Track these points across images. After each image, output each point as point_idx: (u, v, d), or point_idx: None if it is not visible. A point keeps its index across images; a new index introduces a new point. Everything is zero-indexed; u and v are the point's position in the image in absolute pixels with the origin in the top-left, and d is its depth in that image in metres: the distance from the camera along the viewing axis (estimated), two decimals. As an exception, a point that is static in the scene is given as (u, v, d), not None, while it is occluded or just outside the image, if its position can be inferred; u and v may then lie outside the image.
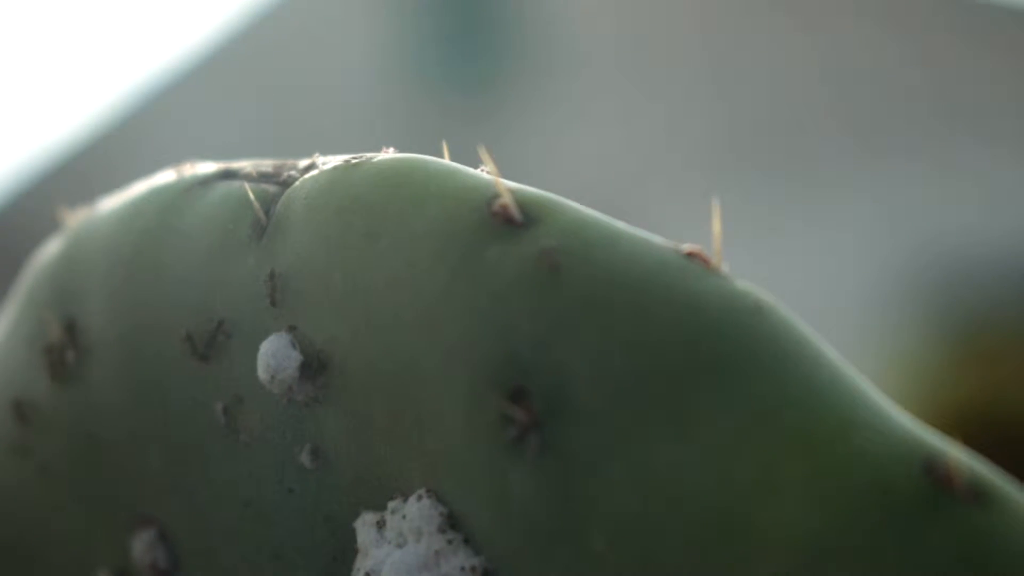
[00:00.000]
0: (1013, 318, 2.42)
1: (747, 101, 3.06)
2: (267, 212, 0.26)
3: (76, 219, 0.29)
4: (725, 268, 0.23)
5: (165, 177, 0.28)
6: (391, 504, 0.24)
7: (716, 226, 0.24)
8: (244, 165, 0.27)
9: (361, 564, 0.25)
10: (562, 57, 3.13)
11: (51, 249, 0.29)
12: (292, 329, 0.25)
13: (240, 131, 3.26)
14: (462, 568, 0.24)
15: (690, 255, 0.23)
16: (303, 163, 0.26)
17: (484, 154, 0.24)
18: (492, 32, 3.23)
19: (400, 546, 0.24)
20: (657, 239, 0.23)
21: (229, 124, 3.31)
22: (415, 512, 0.24)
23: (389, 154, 0.25)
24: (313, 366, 0.25)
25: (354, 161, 0.25)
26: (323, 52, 3.26)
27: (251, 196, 0.26)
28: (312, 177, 0.25)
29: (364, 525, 0.25)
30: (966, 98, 3.00)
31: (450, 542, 0.24)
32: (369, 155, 0.25)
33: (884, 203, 2.92)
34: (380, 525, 0.25)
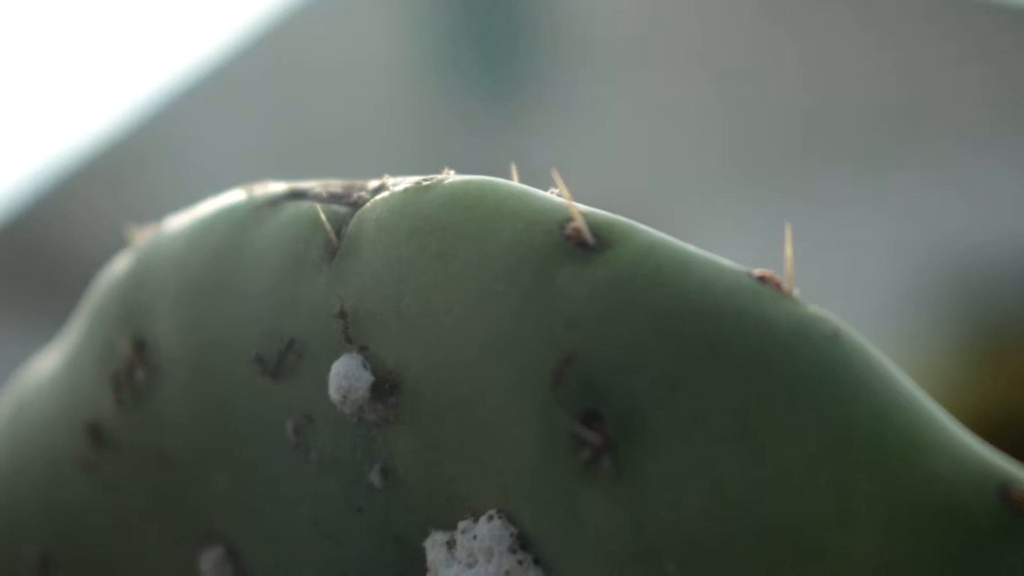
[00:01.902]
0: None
1: (771, 103, 3.06)
2: (338, 233, 0.26)
3: (144, 237, 0.29)
4: (797, 292, 0.23)
5: (234, 196, 0.28)
6: (461, 524, 0.25)
7: (788, 250, 0.24)
8: (313, 185, 0.27)
9: (430, 583, 0.25)
10: (586, 60, 3.13)
11: (119, 266, 0.29)
12: (364, 349, 0.25)
13: (261, 136, 3.27)
14: (533, 589, 0.24)
15: (762, 279, 0.23)
16: (373, 184, 0.26)
17: (557, 177, 0.25)
18: (515, 35, 3.23)
19: (470, 566, 0.24)
20: (728, 263, 0.23)
21: (250, 128, 3.31)
22: (486, 532, 0.24)
23: (459, 176, 0.25)
24: (385, 386, 0.25)
25: (425, 183, 0.25)
26: (348, 54, 3.27)
27: (323, 217, 0.26)
28: (383, 199, 0.26)
29: (434, 544, 0.25)
30: (988, 101, 2.99)
31: (521, 563, 0.24)
32: (440, 176, 0.25)
33: (903, 205, 2.92)
34: (450, 545, 0.25)
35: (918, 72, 2.98)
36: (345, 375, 0.25)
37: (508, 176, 0.25)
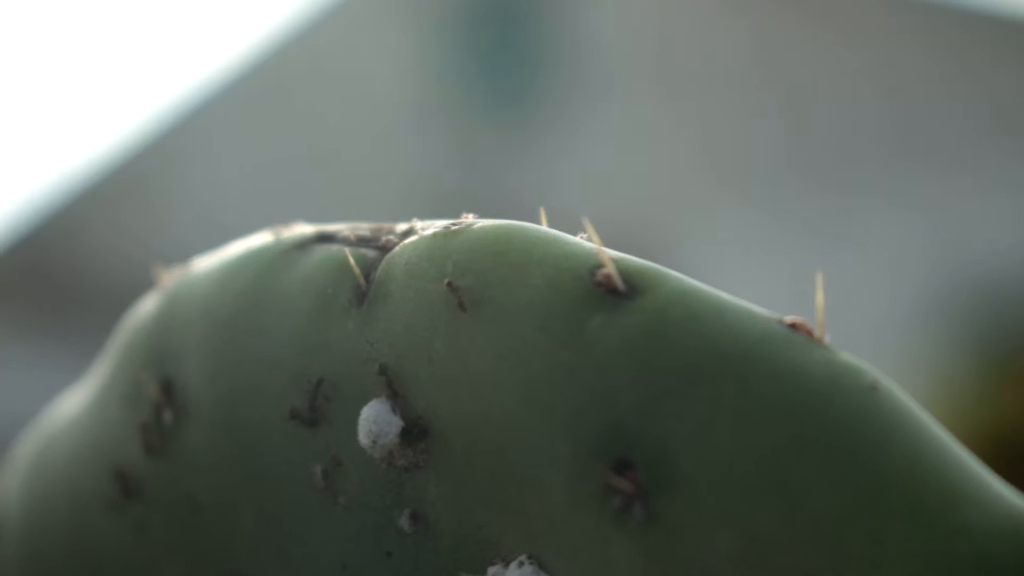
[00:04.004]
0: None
1: (782, 119, 3.06)
2: (367, 277, 0.26)
3: (171, 278, 0.29)
4: (828, 338, 0.23)
5: (261, 238, 0.28)
6: (491, 570, 0.25)
7: (820, 298, 0.24)
8: (340, 228, 0.27)
9: (460, 628, 0.25)
10: (596, 75, 3.14)
11: (146, 308, 0.29)
12: (394, 395, 0.25)
13: (270, 153, 3.27)
14: (564, 636, 0.24)
15: (793, 326, 0.23)
16: (400, 227, 0.26)
17: (588, 224, 0.24)
18: (526, 50, 3.24)
19: (500, 611, 0.24)
20: (760, 310, 0.23)
21: (260, 145, 3.32)
22: (516, 578, 0.24)
23: (488, 220, 0.25)
24: (414, 432, 0.25)
25: (454, 227, 0.25)
26: (357, 73, 3.27)
27: (351, 261, 0.26)
28: (412, 243, 0.25)
29: (463, 590, 0.25)
30: (1012, 112, 2.99)
31: (551, 609, 0.24)
32: (468, 221, 0.25)
33: (922, 220, 2.92)
34: (480, 590, 0.25)
35: (957, 81, 2.98)
36: (375, 420, 0.25)
37: (520, 201, 0.25)
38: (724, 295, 0.24)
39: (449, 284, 0.24)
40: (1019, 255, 2.75)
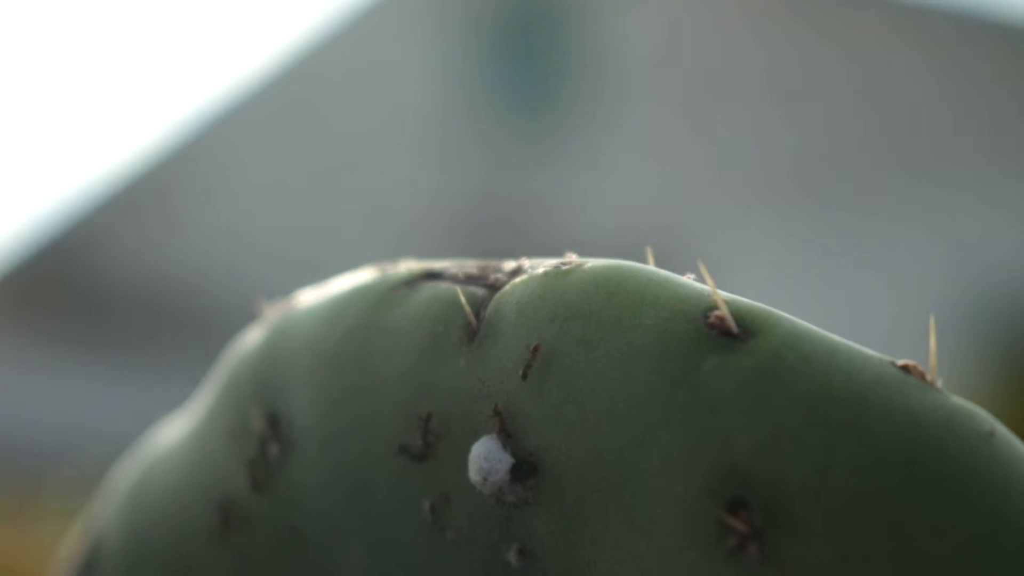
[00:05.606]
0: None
1: (805, 134, 3.06)
2: (477, 315, 0.26)
3: (276, 312, 0.29)
4: (940, 382, 0.23)
5: (368, 274, 0.28)
6: (600, 606, 0.25)
7: (932, 343, 0.24)
8: (448, 266, 0.27)
9: (567, 664, 0.25)
10: (619, 86, 3.14)
11: (251, 341, 0.30)
12: (505, 432, 0.25)
13: (298, 159, 3.28)
14: (676, 674, 0.24)
15: (905, 368, 0.23)
16: (508, 266, 0.27)
17: (701, 265, 0.25)
18: (551, 61, 3.25)
19: (609, 648, 0.25)
20: (871, 352, 0.24)
21: (287, 152, 3.32)
22: (625, 615, 0.24)
23: (599, 260, 0.25)
24: (524, 469, 0.25)
25: (564, 267, 0.26)
26: (383, 79, 3.28)
27: (463, 300, 0.26)
28: (523, 282, 0.26)
29: (571, 626, 0.25)
30: (1020, 124, 2.99)
31: (661, 646, 0.24)
32: (578, 260, 0.26)
33: (943, 234, 2.91)
34: (588, 626, 0.25)
35: (977, 101, 2.98)
36: (486, 457, 0.25)
37: (543, 208, 0.26)
38: (835, 337, 0.24)
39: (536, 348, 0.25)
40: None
